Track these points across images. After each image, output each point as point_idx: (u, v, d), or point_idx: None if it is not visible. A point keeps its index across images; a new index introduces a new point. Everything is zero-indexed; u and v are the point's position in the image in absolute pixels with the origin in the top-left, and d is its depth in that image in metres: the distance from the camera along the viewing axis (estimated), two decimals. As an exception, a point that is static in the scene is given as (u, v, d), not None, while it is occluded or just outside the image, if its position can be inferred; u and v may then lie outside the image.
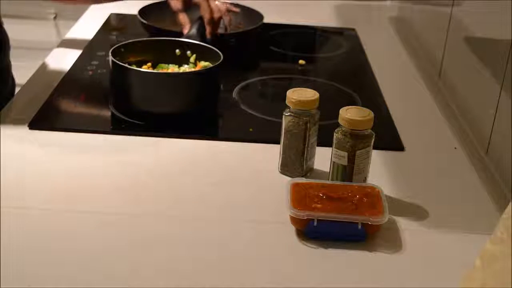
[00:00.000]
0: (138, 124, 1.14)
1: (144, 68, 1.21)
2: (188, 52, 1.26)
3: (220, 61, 1.18)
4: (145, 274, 0.79)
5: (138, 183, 0.98)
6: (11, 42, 1.40)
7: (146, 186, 0.97)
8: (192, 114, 1.17)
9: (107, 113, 1.19)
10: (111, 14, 1.71)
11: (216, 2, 1.43)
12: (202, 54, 1.25)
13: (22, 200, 0.92)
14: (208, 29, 1.37)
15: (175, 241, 0.86)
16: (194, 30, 1.36)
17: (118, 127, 1.15)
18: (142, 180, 0.99)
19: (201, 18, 1.39)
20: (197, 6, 1.40)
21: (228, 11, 1.49)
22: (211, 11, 1.38)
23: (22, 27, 2.40)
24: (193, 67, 1.24)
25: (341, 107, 0.95)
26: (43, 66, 1.38)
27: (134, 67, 1.17)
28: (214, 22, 1.38)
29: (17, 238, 0.84)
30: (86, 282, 0.77)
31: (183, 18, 1.39)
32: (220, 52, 1.21)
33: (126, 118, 1.16)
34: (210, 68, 1.18)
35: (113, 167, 1.02)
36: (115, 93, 1.19)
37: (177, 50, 1.26)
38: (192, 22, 1.39)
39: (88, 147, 1.07)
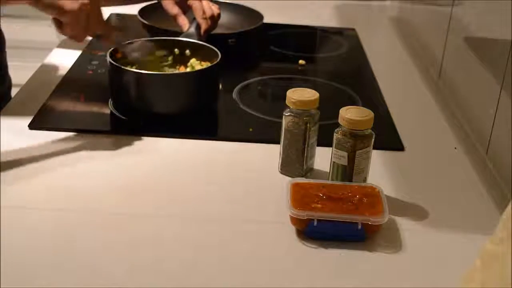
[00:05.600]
0: (138, 124, 1.14)
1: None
2: (187, 51, 1.26)
3: (218, 60, 1.18)
4: (144, 274, 0.79)
5: (138, 183, 0.98)
6: (11, 42, 1.40)
7: (146, 186, 0.97)
8: (192, 114, 1.17)
9: (107, 113, 1.19)
10: (111, 14, 1.71)
11: (209, 3, 1.42)
12: (200, 53, 1.25)
13: (23, 200, 0.92)
14: (202, 28, 1.36)
15: (175, 241, 0.86)
16: (192, 29, 1.36)
17: (118, 127, 1.15)
18: (142, 180, 0.99)
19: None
20: (191, 8, 1.40)
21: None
22: (203, 10, 1.38)
23: (22, 27, 2.40)
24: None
25: (341, 107, 0.95)
26: (43, 66, 1.38)
27: (133, 69, 1.17)
28: (208, 21, 1.38)
29: (17, 238, 0.84)
30: (86, 282, 0.77)
31: (182, 20, 1.39)
32: (218, 51, 1.21)
33: (126, 118, 1.16)
34: (209, 67, 1.18)
35: (113, 167, 1.02)
36: (114, 94, 1.19)
37: (176, 50, 1.26)
38: (190, 22, 1.39)
39: (88, 147, 1.07)
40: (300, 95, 0.98)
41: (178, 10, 1.40)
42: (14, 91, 1.39)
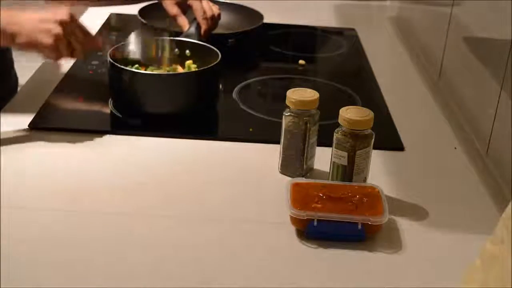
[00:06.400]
0: (138, 124, 1.14)
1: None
2: (187, 51, 1.26)
3: (219, 60, 1.18)
4: (144, 274, 0.79)
5: (138, 183, 0.98)
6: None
7: (146, 186, 0.97)
8: (192, 113, 1.17)
9: (107, 113, 1.19)
10: (111, 14, 1.71)
11: (209, 3, 1.42)
12: (201, 53, 1.24)
13: (23, 200, 0.92)
14: (202, 28, 1.36)
15: (175, 241, 0.86)
16: (192, 29, 1.36)
17: (118, 127, 1.15)
18: (142, 180, 0.99)
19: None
20: (191, 8, 1.40)
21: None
22: (204, 10, 1.37)
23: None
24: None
25: (341, 107, 0.95)
26: (43, 66, 1.38)
27: (132, 69, 1.17)
28: (208, 22, 1.37)
29: (17, 238, 0.84)
30: (86, 282, 0.77)
31: (182, 20, 1.39)
32: (218, 51, 1.21)
33: (126, 118, 1.16)
34: (209, 67, 1.18)
35: (113, 167, 1.02)
36: (114, 93, 1.19)
37: (176, 50, 1.26)
38: (190, 22, 1.39)
39: (88, 147, 1.07)
40: (300, 95, 0.98)
41: (178, 10, 1.40)
42: (14, 91, 1.39)
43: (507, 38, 1.04)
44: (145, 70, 1.20)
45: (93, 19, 1.66)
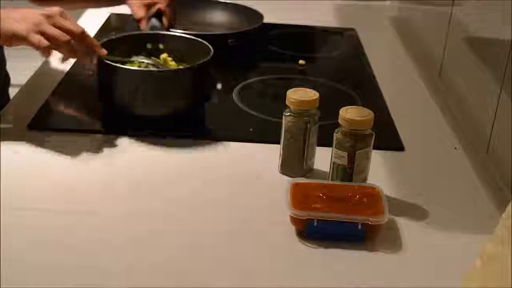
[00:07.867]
0: (138, 124, 1.14)
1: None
2: (161, 45, 1.23)
3: (211, 55, 1.15)
4: (143, 274, 0.79)
5: (137, 183, 0.98)
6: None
7: (145, 187, 0.97)
8: (189, 112, 1.15)
9: (106, 113, 1.18)
10: (111, 14, 1.71)
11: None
12: (191, 47, 1.21)
13: (22, 200, 0.92)
14: (164, 17, 1.34)
15: (175, 241, 0.86)
16: (155, 21, 1.33)
17: (117, 127, 1.15)
18: (141, 181, 0.99)
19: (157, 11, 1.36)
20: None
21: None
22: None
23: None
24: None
25: (341, 107, 0.95)
26: (43, 66, 1.38)
27: (122, 66, 1.13)
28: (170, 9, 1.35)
29: (17, 238, 0.84)
30: (85, 281, 0.77)
31: (144, 25, 1.36)
32: (209, 45, 1.17)
33: (125, 119, 1.16)
34: (204, 62, 1.13)
35: (112, 167, 1.02)
36: (108, 93, 1.16)
37: (148, 44, 1.23)
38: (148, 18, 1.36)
39: (87, 148, 1.07)
40: (300, 95, 0.98)
41: (145, 13, 1.36)
42: (13, 91, 1.39)
43: (507, 38, 1.04)
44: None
45: (93, 19, 1.67)
